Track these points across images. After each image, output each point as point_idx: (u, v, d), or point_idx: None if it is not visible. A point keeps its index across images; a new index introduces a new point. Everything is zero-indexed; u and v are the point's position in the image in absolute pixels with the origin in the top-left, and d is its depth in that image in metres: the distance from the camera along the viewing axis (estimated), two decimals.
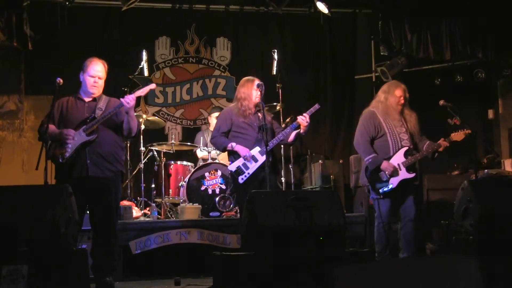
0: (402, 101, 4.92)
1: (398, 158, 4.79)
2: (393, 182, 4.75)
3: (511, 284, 3.28)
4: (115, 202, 4.47)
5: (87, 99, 4.45)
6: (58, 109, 4.39)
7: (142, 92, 4.49)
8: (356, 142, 4.97)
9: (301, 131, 4.88)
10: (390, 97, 4.92)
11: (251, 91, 4.90)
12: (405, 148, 4.82)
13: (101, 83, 4.46)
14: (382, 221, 4.77)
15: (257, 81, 4.91)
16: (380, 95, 5.01)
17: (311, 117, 4.89)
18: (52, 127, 4.27)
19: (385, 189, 4.75)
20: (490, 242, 3.57)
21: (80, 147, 4.26)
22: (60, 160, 4.23)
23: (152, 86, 4.60)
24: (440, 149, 4.87)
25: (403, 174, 4.76)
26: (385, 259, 4.69)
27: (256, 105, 4.91)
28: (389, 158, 4.80)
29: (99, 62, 4.44)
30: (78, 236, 4.43)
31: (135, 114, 6.50)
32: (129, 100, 4.26)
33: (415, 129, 4.95)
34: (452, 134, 4.87)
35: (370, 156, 4.81)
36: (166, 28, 7.91)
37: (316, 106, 4.93)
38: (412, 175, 4.79)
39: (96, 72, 4.41)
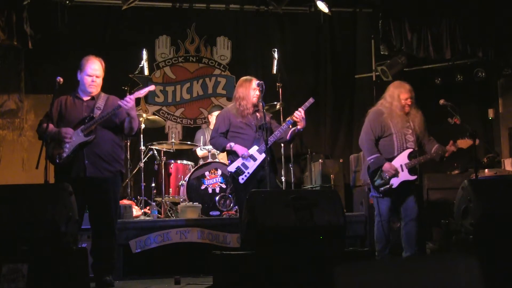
0: (409, 103, 4.86)
1: (401, 159, 4.77)
2: (394, 182, 4.74)
3: (511, 284, 3.28)
4: (114, 201, 4.46)
5: (85, 98, 4.44)
6: (57, 108, 4.38)
7: (141, 93, 4.48)
8: (361, 140, 4.95)
9: (298, 126, 4.83)
10: (395, 102, 4.85)
11: (249, 91, 4.88)
12: (409, 150, 4.79)
13: (99, 81, 4.44)
14: (382, 220, 4.77)
15: (256, 81, 4.89)
16: (387, 97, 4.93)
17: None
18: (51, 126, 4.26)
19: (383, 188, 4.74)
20: (490, 242, 3.57)
21: (77, 147, 4.25)
22: (57, 161, 4.22)
23: (152, 87, 4.57)
24: (447, 154, 4.85)
25: (405, 176, 4.74)
26: (385, 258, 4.68)
27: (255, 105, 4.90)
28: (392, 158, 4.78)
29: (96, 61, 4.41)
30: (78, 235, 4.43)
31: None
32: (127, 101, 4.23)
33: (421, 128, 4.89)
34: (459, 141, 4.83)
35: (373, 156, 4.79)
36: (166, 27, 7.91)
37: (311, 100, 4.89)
38: (414, 177, 4.77)
39: (93, 71, 4.38)
